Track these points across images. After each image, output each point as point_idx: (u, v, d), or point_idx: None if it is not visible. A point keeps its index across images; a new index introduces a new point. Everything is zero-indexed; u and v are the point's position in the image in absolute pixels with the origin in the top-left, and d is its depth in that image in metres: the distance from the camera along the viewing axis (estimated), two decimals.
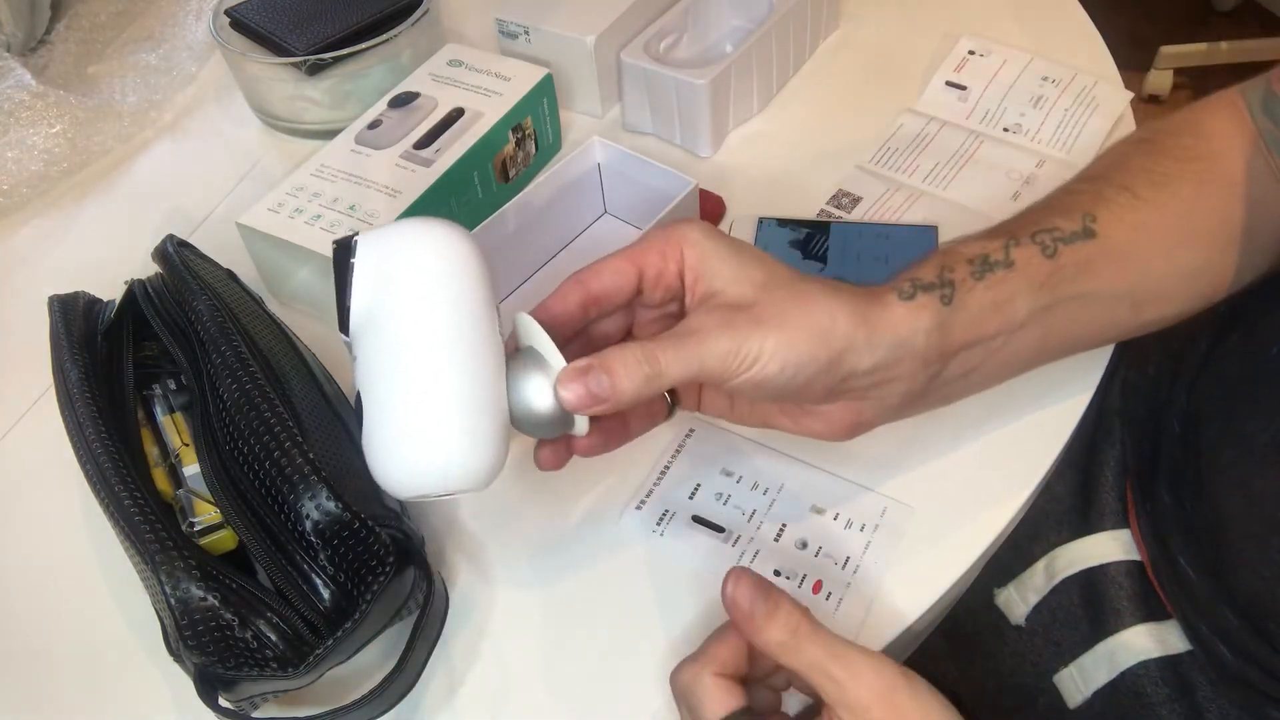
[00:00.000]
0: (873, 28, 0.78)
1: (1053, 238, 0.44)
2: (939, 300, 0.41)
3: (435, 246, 0.38)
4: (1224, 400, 0.51)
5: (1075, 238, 0.44)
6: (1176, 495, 0.53)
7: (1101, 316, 0.47)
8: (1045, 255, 0.44)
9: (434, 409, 0.37)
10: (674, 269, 0.41)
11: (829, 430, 0.44)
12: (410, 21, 0.71)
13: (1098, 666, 0.55)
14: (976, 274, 0.43)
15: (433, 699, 0.45)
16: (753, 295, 0.39)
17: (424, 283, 0.38)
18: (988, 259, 0.43)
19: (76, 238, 0.71)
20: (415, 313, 0.37)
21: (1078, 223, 0.44)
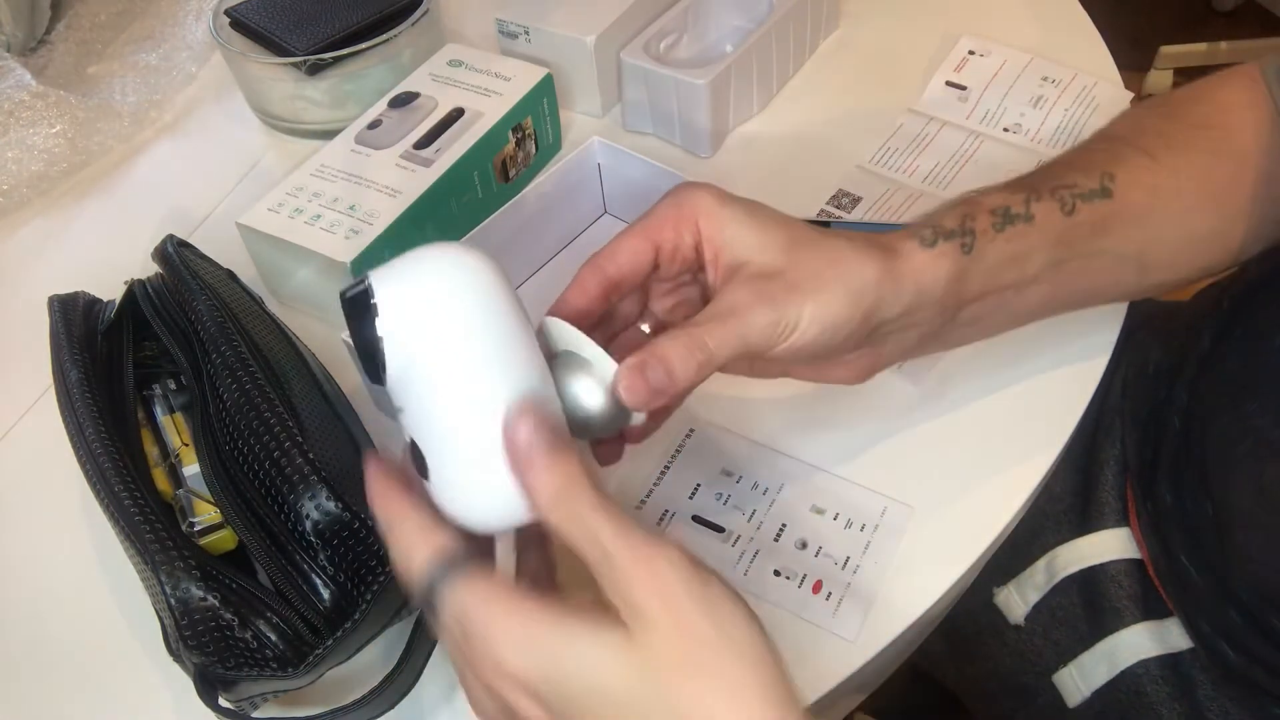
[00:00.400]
0: (873, 28, 0.78)
1: (1072, 194, 0.44)
2: (960, 249, 0.41)
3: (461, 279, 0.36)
4: (1231, 395, 0.51)
5: (1093, 195, 0.44)
6: (1178, 493, 0.53)
7: (1109, 275, 0.47)
8: (1064, 212, 0.44)
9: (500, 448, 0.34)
10: (690, 241, 0.40)
11: (849, 375, 0.44)
12: (410, 21, 0.71)
13: (1097, 665, 0.55)
14: (998, 225, 0.42)
15: (433, 699, 0.45)
16: (780, 261, 0.39)
17: (462, 320, 0.35)
18: (1009, 211, 0.43)
19: (76, 238, 0.71)
20: (461, 354, 0.35)
21: (1096, 181, 0.45)
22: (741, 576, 0.47)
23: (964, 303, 0.43)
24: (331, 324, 0.60)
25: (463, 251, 0.36)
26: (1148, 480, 0.56)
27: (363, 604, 0.41)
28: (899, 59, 0.74)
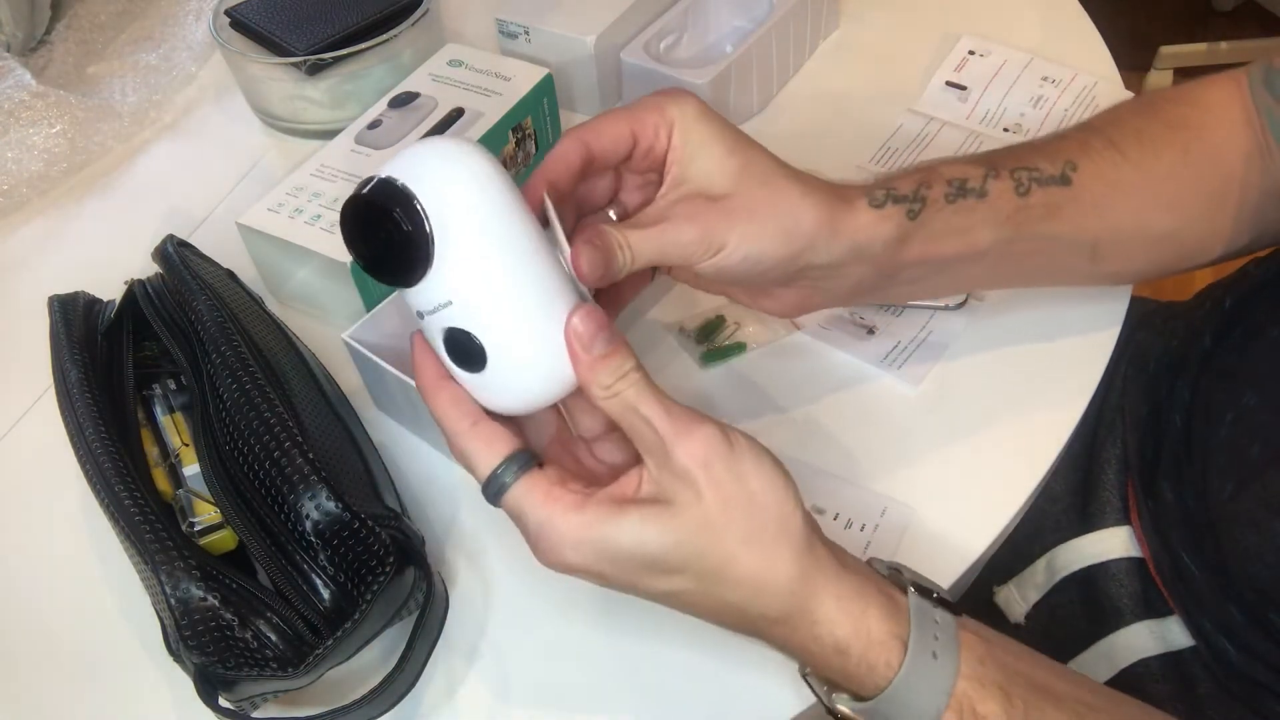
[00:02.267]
0: (873, 28, 0.78)
1: (1030, 177, 0.45)
2: (905, 214, 0.43)
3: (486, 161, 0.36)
4: (1233, 393, 0.51)
5: (1051, 181, 0.46)
6: (1179, 491, 0.53)
7: (1060, 259, 0.48)
8: (1018, 193, 0.45)
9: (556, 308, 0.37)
10: (663, 145, 0.41)
11: (780, 309, 0.46)
12: (410, 21, 0.71)
13: (1098, 664, 0.55)
14: (950, 197, 0.44)
15: (433, 699, 0.45)
16: (724, 186, 0.41)
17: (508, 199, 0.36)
18: (965, 184, 0.44)
19: (76, 238, 0.71)
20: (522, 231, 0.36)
21: (1058, 168, 0.46)
22: None
23: (902, 265, 0.44)
24: (331, 324, 0.60)
25: (465, 140, 0.37)
26: (1149, 478, 0.56)
27: (363, 604, 0.41)
28: (899, 59, 0.74)
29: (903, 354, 0.55)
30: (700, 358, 0.57)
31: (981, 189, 0.44)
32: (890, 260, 0.44)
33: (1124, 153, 0.47)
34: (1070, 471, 0.61)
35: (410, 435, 0.55)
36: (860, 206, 0.42)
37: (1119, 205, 0.47)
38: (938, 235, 0.44)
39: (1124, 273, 0.51)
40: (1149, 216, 0.48)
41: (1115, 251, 0.49)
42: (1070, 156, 0.46)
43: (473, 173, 0.36)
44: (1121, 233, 0.48)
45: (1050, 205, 0.46)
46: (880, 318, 0.57)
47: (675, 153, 0.41)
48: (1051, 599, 0.58)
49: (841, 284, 0.44)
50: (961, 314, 0.57)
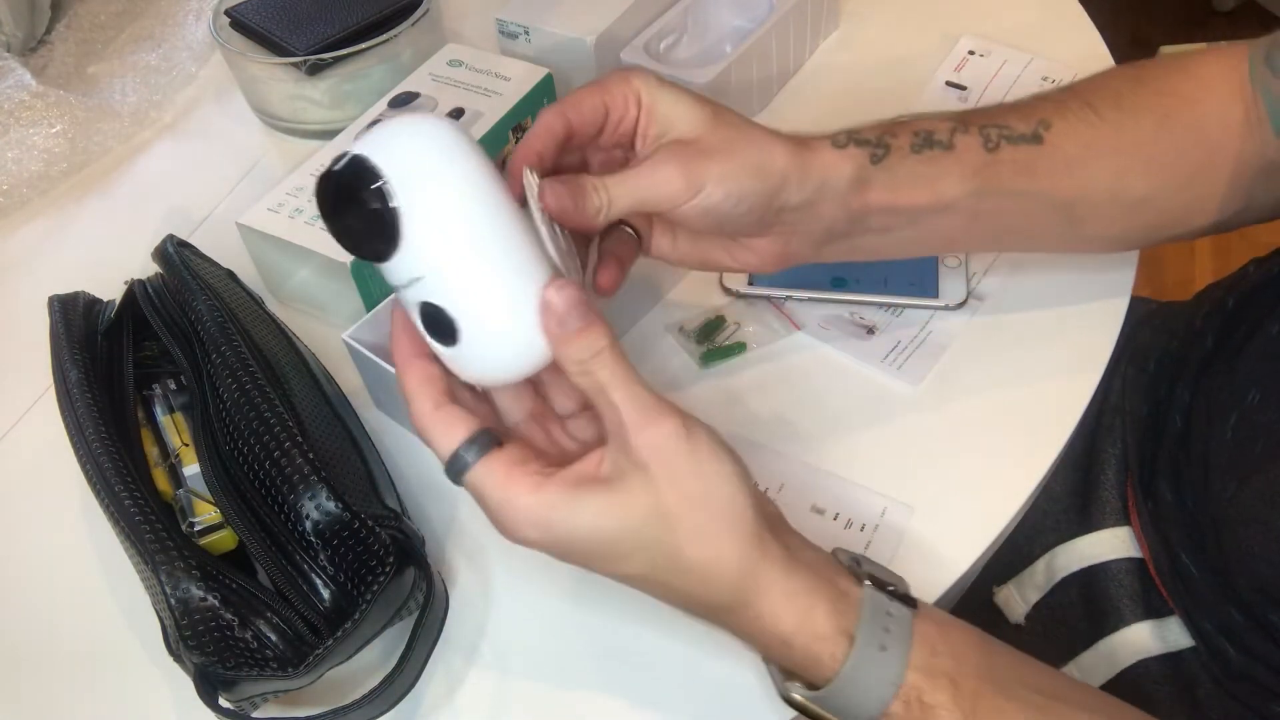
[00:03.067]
0: (873, 28, 0.78)
1: (999, 134, 0.46)
2: (868, 156, 0.44)
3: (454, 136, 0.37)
4: (1235, 393, 0.51)
5: (1021, 139, 0.46)
6: (1178, 491, 0.53)
7: (1037, 218, 0.49)
8: (986, 148, 0.46)
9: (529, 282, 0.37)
10: (633, 114, 0.43)
11: (760, 262, 0.46)
12: (410, 21, 0.71)
13: (1097, 665, 0.55)
14: (915, 147, 0.45)
15: (433, 699, 0.45)
16: (700, 131, 0.42)
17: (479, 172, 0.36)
18: (931, 136, 0.45)
19: (76, 238, 0.71)
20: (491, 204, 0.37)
21: (1030, 127, 0.47)
22: None
23: (870, 209, 0.45)
24: (331, 324, 0.60)
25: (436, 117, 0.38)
26: (1148, 478, 0.56)
27: (363, 604, 0.41)
28: (899, 59, 0.74)
29: (903, 354, 0.55)
30: (700, 358, 0.56)
31: (949, 142, 0.45)
32: (859, 202, 0.44)
33: (1100, 114, 0.47)
34: (1070, 472, 0.61)
35: (410, 435, 0.55)
36: (823, 147, 0.44)
37: (1092, 165, 0.47)
38: (902, 182, 0.45)
39: (1103, 236, 0.51)
40: (1125, 179, 0.48)
41: (1092, 213, 0.49)
42: (1044, 116, 0.47)
43: (441, 148, 0.36)
44: (1097, 194, 0.48)
45: (1021, 163, 0.46)
46: (880, 318, 0.57)
47: (647, 113, 0.43)
48: (1051, 599, 0.58)
49: (814, 226, 0.45)
50: (961, 314, 0.57)
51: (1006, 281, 0.58)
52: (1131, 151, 0.48)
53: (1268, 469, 0.47)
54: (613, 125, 0.43)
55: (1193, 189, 0.49)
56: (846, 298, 0.58)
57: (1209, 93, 0.48)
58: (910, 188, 0.45)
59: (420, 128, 0.36)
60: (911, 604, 0.38)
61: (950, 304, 0.57)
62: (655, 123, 0.43)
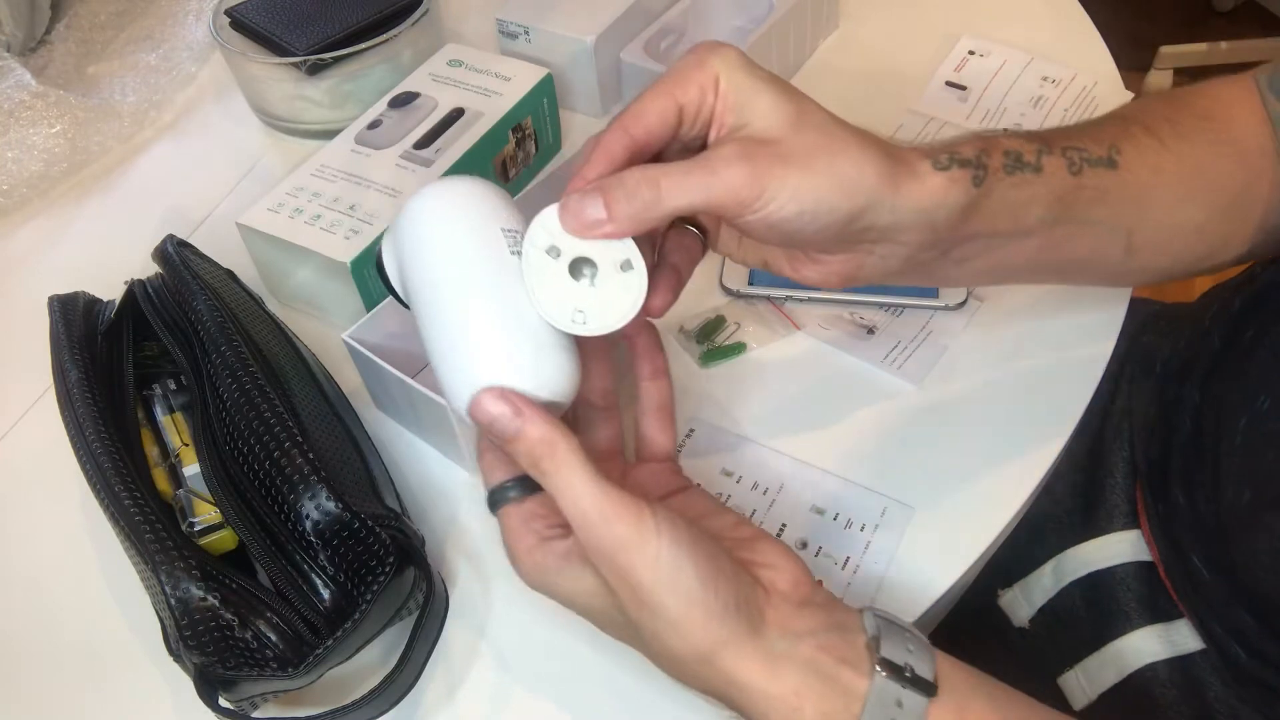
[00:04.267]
0: (873, 28, 0.78)
1: (1080, 156, 0.43)
2: (972, 179, 0.40)
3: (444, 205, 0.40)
4: (1245, 394, 0.51)
5: (1099, 163, 0.44)
6: (1189, 494, 0.53)
7: (1099, 247, 0.47)
8: (1070, 171, 0.43)
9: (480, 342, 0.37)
10: (710, 102, 0.38)
11: (823, 277, 0.42)
12: (410, 21, 0.71)
13: (1105, 669, 0.55)
14: (1009, 168, 0.41)
15: (433, 699, 0.45)
16: (780, 131, 0.37)
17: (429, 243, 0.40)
18: (1021, 157, 0.42)
19: (76, 238, 0.71)
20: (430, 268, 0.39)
21: (1105, 150, 0.44)
22: None
23: (962, 237, 0.42)
24: (331, 324, 0.60)
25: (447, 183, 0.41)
26: (1158, 481, 0.56)
27: (363, 604, 0.41)
28: (899, 59, 0.74)
29: (903, 354, 0.55)
30: (700, 358, 0.56)
31: (1037, 164, 0.42)
32: (952, 231, 0.41)
33: (1162, 140, 0.46)
34: (1074, 474, 0.61)
35: (410, 435, 0.55)
36: (924, 169, 0.39)
37: (1159, 192, 0.46)
38: (996, 208, 0.41)
39: (1153, 268, 0.49)
40: (1184, 206, 0.47)
41: (1148, 242, 0.47)
42: (1114, 140, 0.45)
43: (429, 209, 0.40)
44: (1157, 222, 0.47)
45: (1098, 189, 0.44)
46: (880, 318, 0.57)
47: (724, 101, 0.38)
48: (1057, 603, 0.58)
49: (895, 253, 0.41)
50: (961, 314, 0.57)
51: None
52: (1191, 179, 0.47)
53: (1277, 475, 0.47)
54: (690, 117, 0.39)
55: (1235, 214, 0.48)
56: (846, 298, 0.58)
57: (1239, 117, 0.48)
58: (1002, 214, 0.42)
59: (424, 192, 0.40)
60: (928, 690, 0.35)
61: (950, 304, 0.57)
62: (733, 112, 0.38)
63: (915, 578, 0.47)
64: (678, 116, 0.38)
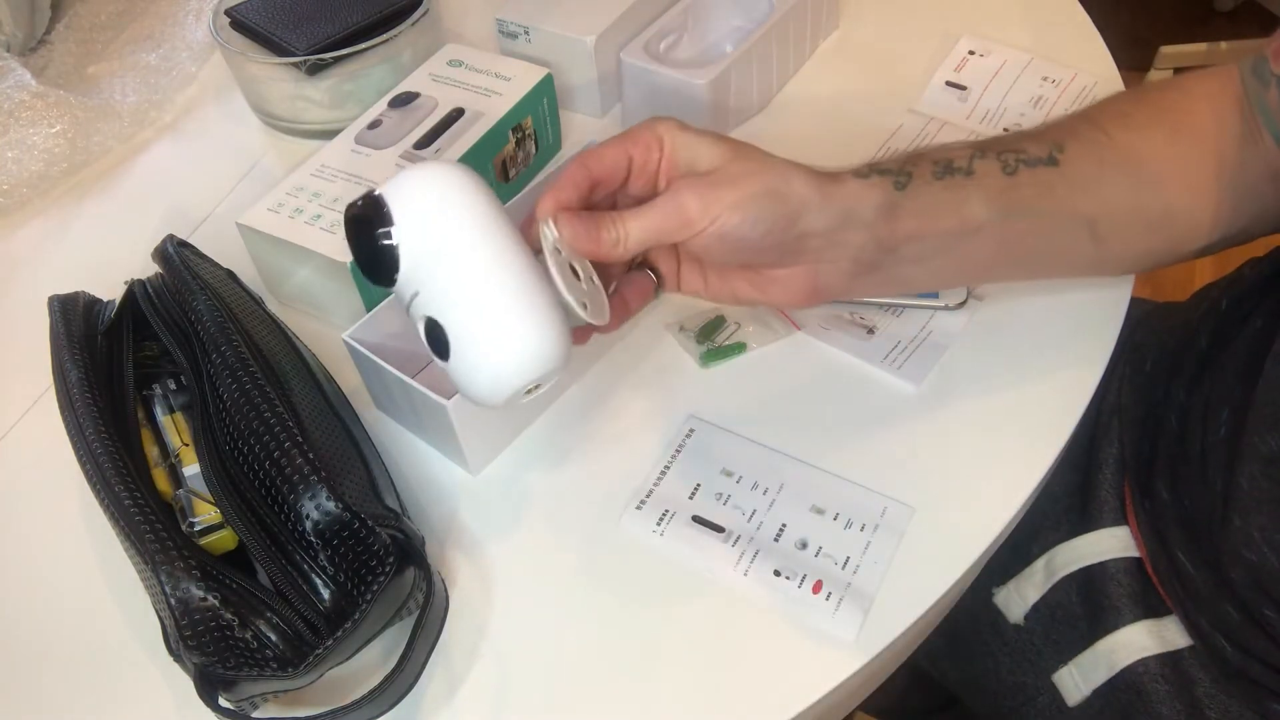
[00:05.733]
0: (873, 28, 0.78)
1: (1016, 158, 0.47)
2: (892, 184, 0.45)
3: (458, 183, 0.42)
4: (1231, 391, 0.51)
5: (1038, 162, 0.47)
6: (1175, 489, 0.53)
7: (1062, 239, 0.49)
8: (1005, 172, 0.47)
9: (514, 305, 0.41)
10: (655, 158, 0.44)
11: (790, 297, 0.47)
12: (410, 21, 0.71)
13: (1097, 665, 0.55)
14: (937, 174, 0.46)
15: (433, 699, 0.45)
16: (720, 163, 0.43)
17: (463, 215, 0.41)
18: (951, 164, 0.46)
19: (76, 238, 0.71)
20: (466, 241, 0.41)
21: (1045, 150, 0.47)
22: (741, 576, 0.47)
23: (899, 237, 0.45)
24: (331, 324, 0.60)
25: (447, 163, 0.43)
26: (1145, 478, 0.56)
27: (363, 604, 0.41)
28: (899, 59, 0.74)
29: (903, 354, 0.55)
30: (700, 358, 0.57)
31: (968, 168, 0.46)
32: (887, 230, 0.45)
33: (1109, 133, 0.48)
34: (1069, 472, 0.61)
35: (410, 435, 0.55)
36: (846, 178, 0.45)
37: (1109, 183, 0.48)
38: (928, 209, 0.46)
39: (1128, 255, 0.52)
40: (1142, 195, 0.49)
41: (1114, 231, 0.49)
42: (1057, 139, 0.48)
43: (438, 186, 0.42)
44: (1117, 211, 0.49)
45: (1040, 184, 0.47)
46: (880, 318, 0.57)
47: (669, 155, 0.44)
48: (1051, 599, 0.58)
49: (842, 257, 0.45)
50: (961, 314, 0.57)
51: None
52: (1145, 167, 0.48)
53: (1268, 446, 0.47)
54: (638, 170, 0.45)
55: (1206, 200, 0.49)
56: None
57: (1208, 107, 0.49)
58: (936, 213, 0.46)
59: (426, 172, 0.42)
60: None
61: (950, 304, 0.57)
62: (677, 165, 0.44)
63: (915, 578, 0.47)
64: (628, 166, 0.44)
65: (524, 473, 0.53)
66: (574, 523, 0.51)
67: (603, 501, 0.51)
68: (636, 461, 0.52)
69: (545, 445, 0.54)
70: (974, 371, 0.55)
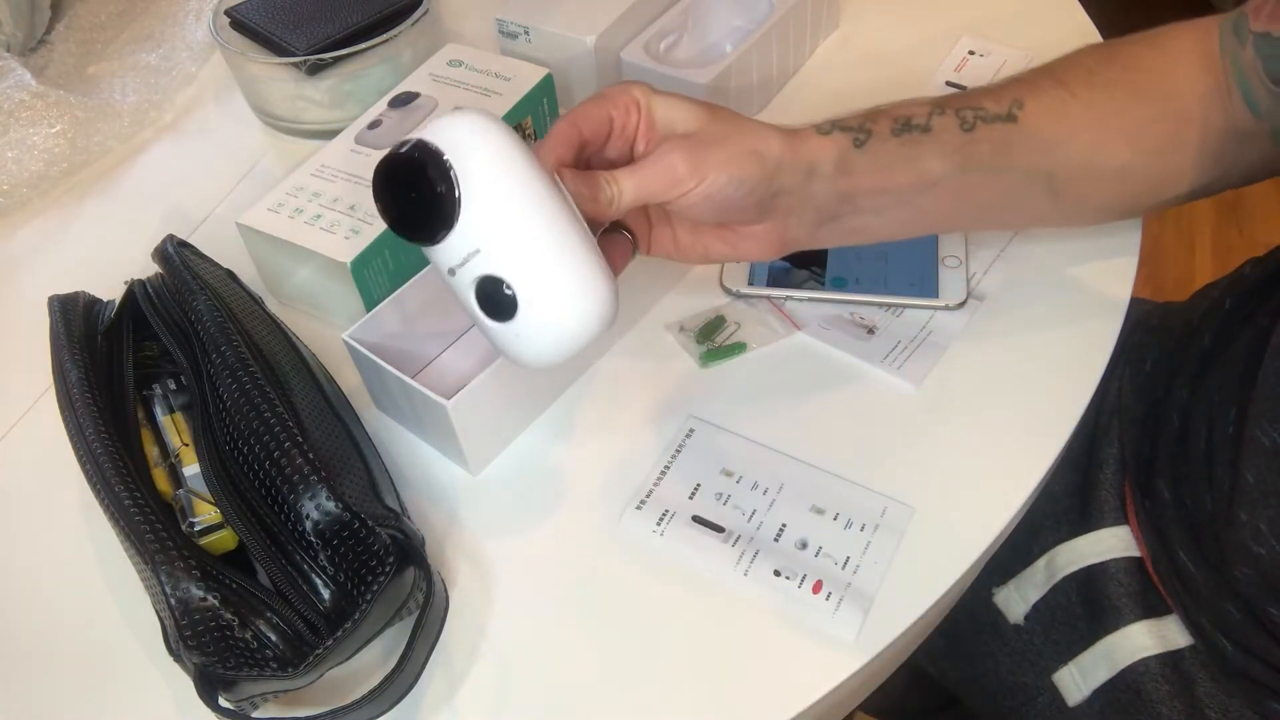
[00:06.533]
0: (873, 28, 0.78)
1: (974, 115, 0.48)
2: (851, 141, 0.47)
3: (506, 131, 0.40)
4: (1236, 389, 0.51)
5: (996, 119, 0.48)
6: (1176, 489, 0.53)
7: (1019, 193, 0.50)
8: (962, 128, 0.48)
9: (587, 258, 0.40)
10: (634, 120, 0.45)
11: (760, 249, 0.48)
12: (410, 21, 0.71)
13: (1097, 665, 0.55)
14: (895, 131, 0.47)
15: (433, 699, 0.45)
16: (699, 125, 0.45)
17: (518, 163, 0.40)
18: (910, 121, 0.48)
19: (76, 238, 0.71)
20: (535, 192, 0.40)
21: (1004, 108, 0.48)
22: (741, 576, 0.47)
23: (858, 190, 0.47)
24: (331, 324, 0.60)
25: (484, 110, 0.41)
26: (1145, 477, 0.56)
27: (363, 604, 0.41)
28: (899, 59, 0.74)
29: (903, 354, 0.55)
30: (700, 358, 0.57)
31: (926, 125, 0.47)
32: (845, 183, 0.47)
33: (1073, 91, 0.49)
34: (1069, 472, 0.61)
35: (410, 435, 0.55)
36: (809, 133, 0.47)
37: (1069, 140, 0.49)
38: (886, 164, 0.47)
39: (1086, 207, 0.53)
40: (1101, 152, 0.50)
41: (1071, 186, 0.50)
42: (1018, 96, 0.49)
43: (492, 133, 0.40)
44: (1074, 167, 0.50)
45: (998, 141, 0.48)
46: (880, 318, 0.57)
47: (648, 117, 0.45)
48: (1051, 599, 0.58)
49: (806, 210, 0.47)
50: (961, 314, 0.57)
51: (1006, 281, 0.58)
52: (1105, 125, 0.49)
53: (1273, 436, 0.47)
54: (617, 132, 0.45)
55: (1167, 158, 0.50)
56: (846, 298, 0.58)
57: (1178, 65, 0.50)
58: (893, 168, 0.47)
59: (472, 117, 0.40)
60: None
61: (950, 304, 0.57)
62: (655, 126, 0.45)
63: (915, 577, 0.47)
64: (609, 126, 0.45)
65: (524, 473, 0.53)
66: (574, 523, 0.51)
67: (603, 502, 0.51)
68: (636, 461, 0.52)
69: (545, 445, 0.54)
70: (974, 371, 0.55)
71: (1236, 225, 1.77)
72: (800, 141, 0.46)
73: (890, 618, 0.46)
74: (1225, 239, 1.75)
